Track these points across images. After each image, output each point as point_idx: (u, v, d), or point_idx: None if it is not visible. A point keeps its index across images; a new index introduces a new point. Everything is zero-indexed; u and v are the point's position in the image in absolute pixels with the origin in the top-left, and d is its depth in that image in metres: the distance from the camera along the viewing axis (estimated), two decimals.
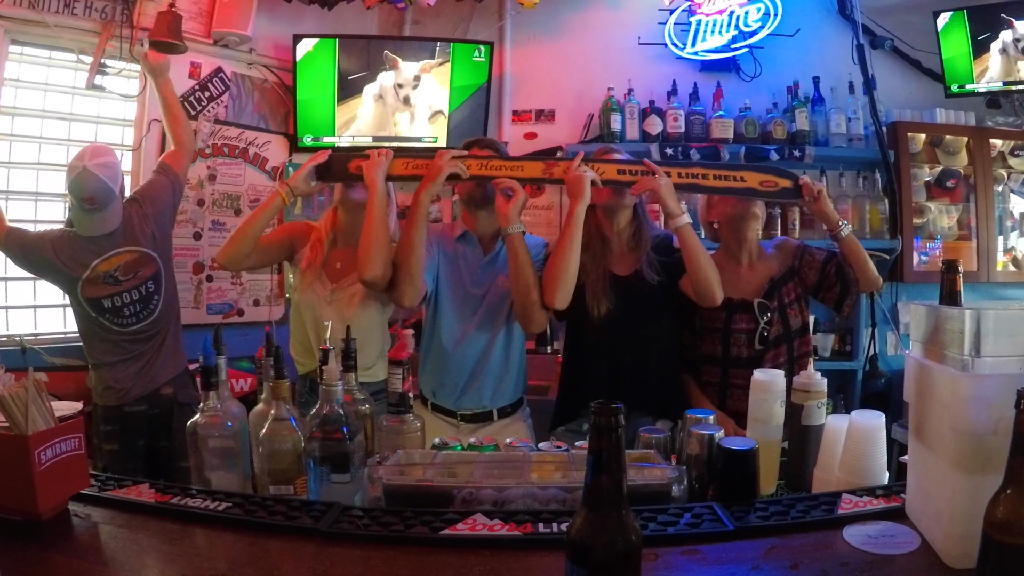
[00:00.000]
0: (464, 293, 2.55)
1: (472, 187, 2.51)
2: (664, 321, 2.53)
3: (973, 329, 1.05)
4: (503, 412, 2.57)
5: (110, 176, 2.67)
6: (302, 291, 2.57)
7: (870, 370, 4.09)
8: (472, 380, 2.52)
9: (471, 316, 2.54)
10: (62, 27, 3.42)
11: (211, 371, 1.60)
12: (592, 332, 2.46)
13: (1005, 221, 4.26)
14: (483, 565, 1.16)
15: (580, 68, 4.34)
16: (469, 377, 2.52)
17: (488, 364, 2.53)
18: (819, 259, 2.49)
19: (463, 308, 2.54)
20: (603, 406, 0.87)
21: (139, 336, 2.87)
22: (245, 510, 1.38)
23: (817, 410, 1.73)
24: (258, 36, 4.04)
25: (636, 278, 2.46)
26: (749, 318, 2.45)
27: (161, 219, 2.94)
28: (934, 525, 1.16)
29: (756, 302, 2.45)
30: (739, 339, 2.45)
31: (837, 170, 4.14)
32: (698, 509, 1.36)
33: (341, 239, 2.61)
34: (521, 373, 2.64)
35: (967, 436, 1.05)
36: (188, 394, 2.94)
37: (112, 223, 2.76)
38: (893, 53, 4.28)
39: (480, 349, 2.53)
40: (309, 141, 4.17)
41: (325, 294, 2.55)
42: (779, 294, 2.47)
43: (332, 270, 2.58)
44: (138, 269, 2.83)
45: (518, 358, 2.61)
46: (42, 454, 1.30)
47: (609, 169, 2.44)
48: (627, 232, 2.53)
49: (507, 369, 2.56)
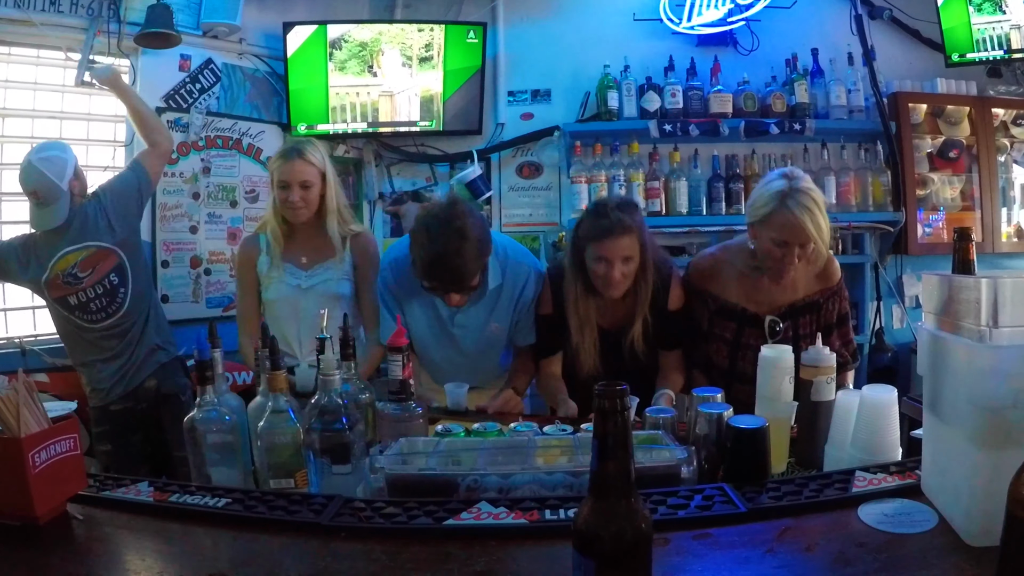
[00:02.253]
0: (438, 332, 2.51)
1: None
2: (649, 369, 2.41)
3: (990, 299, 1.01)
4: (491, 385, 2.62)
5: (54, 172, 2.65)
6: (274, 289, 2.61)
7: (876, 344, 4.07)
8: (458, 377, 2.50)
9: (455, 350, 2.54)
10: (49, 25, 3.37)
11: (206, 365, 1.56)
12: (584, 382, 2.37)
13: (1008, 192, 4.22)
14: (489, 555, 1.14)
15: (575, 46, 4.27)
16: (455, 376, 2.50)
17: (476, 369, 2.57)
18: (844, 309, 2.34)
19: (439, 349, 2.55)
20: (607, 388, 0.82)
21: (112, 331, 2.84)
22: (245, 506, 1.35)
23: (827, 386, 1.70)
24: (248, 25, 3.97)
25: (622, 335, 2.34)
26: (759, 334, 2.27)
27: (122, 212, 2.88)
28: (952, 503, 1.13)
29: (768, 319, 2.28)
30: (746, 355, 2.24)
31: (838, 142, 4.10)
32: (709, 491, 1.33)
33: (298, 231, 2.64)
34: (505, 361, 2.67)
35: (985, 410, 1.01)
36: (172, 384, 2.93)
37: (59, 218, 2.71)
38: (892, 23, 4.22)
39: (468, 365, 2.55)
40: (303, 129, 4.13)
41: (299, 285, 2.59)
42: (795, 322, 2.29)
43: (299, 263, 2.62)
44: (97, 263, 2.78)
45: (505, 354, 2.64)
46: (36, 456, 1.26)
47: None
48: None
49: (492, 367, 2.62)
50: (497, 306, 2.43)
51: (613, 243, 2.19)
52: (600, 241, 2.20)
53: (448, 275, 2.17)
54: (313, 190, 2.55)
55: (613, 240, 2.19)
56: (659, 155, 4.08)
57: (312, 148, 2.60)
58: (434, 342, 2.52)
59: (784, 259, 2.14)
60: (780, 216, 2.10)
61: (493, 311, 2.43)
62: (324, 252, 2.62)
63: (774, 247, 2.15)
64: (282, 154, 2.60)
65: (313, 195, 2.56)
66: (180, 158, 3.80)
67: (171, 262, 3.79)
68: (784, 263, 2.15)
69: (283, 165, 2.54)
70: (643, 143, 4.05)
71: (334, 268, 2.61)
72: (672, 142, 4.05)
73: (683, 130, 3.96)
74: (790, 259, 2.13)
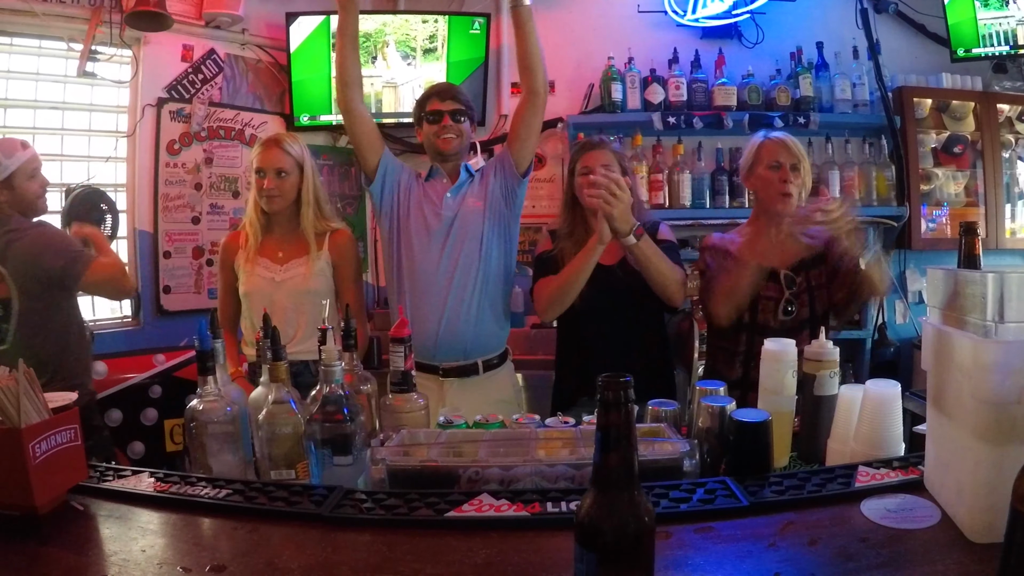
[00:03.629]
0: (428, 223, 2.56)
1: (434, 140, 2.58)
2: (648, 305, 2.49)
3: (996, 293, 1.00)
4: (489, 364, 2.58)
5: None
6: (249, 283, 2.57)
7: (879, 339, 4.06)
8: (449, 322, 2.50)
9: (439, 247, 2.55)
10: (51, 15, 3.36)
11: (207, 355, 1.56)
12: (576, 324, 2.49)
13: (1013, 187, 4.20)
14: (490, 548, 1.13)
15: (579, 38, 4.25)
16: (445, 318, 2.50)
17: (464, 301, 2.52)
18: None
19: (429, 239, 2.56)
20: (611, 379, 0.82)
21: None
22: (246, 497, 1.35)
23: (830, 380, 1.69)
24: (250, 15, 3.97)
25: (617, 268, 2.46)
26: (776, 287, 2.36)
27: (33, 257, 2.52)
28: (955, 498, 1.12)
29: (783, 273, 2.35)
30: (767, 305, 2.36)
31: (842, 136, 4.08)
32: (711, 484, 1.32)
33: (276, 225, 2.61)
34: (503, 320, 2.65)
35: (990, 405, 1.01)
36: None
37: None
38: (897, 17, 4.20)
39: (453, 282, 2.52)
40: (306, 120, 4.12)
41: (272, 278, 2.55)
42: (807, 274, 2.37)
43: (275, 258, 2.58)
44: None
45: (499, 301, 2.62)
46: (36, 447, 1.26)
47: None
48: None
49: (484, 309, 2.55)
50: (475, 187, 2.63)
51: (593, 154, 2.50)
52: (583, 154, 2.51)
53: (445, 86, 2.64)
54: (289, 180, 2.53)
55: (593, 152, 2.51)
56: (663, 147, 4.07)
57: (292, 139, 2.61)
58: (427, 246, 2.57)
59: (783, 180, 2.34)
60: (765, 146, 2.41)
61: (472, 190, 2.62)
62: (300, 247, 2.59)
63: (770, 173, 2.37)
64: (261, 142, 2.60)
65: (288, 185, 2.54)
66: (182, 148, 3.79)
67: (173, 252, 3.79)
68: (784, 184, 2.34)
69: (261, 152, 2.55)
70: (647, 135, 4.04)
71: (309, 264, 2.57)
72: (676, 135, 4.04)
73: (687, 123, 3.95)
74: (785, 176, 2.34)
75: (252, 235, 2.59)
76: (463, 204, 2.58)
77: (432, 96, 2.60)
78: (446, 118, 2.56)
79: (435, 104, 2.57)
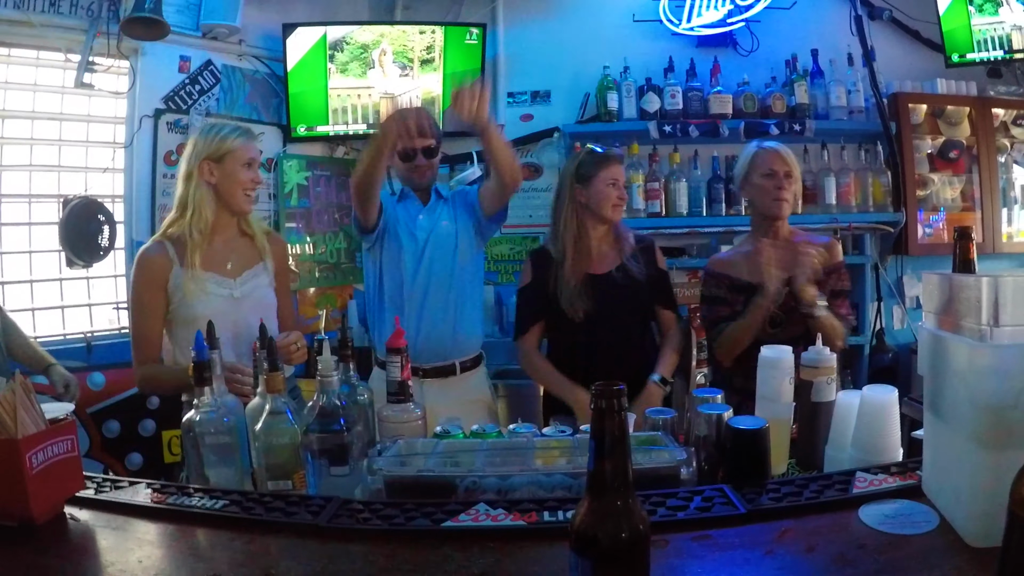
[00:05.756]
0: (403, 243, 2.61)
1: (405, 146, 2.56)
2: (642, 314, 2.62)
3: (991, 298, 1.00)
4: (465, 366, 2.64)
5: None
6: (201, 304, 2.14)
7: (877, 345, 4.06)
8: (427, 329, 2.56)
9: (415, 261, 2.60)
10: (48, 27, 3.36)
11: (204, 366, 1.55)
12: (570, 333, 2.52)
13: (1009, 192, 4.21)
14: (487, 557, 1.13)
15: (575, 47, 4.27)
16: (424, 326, 2.56)
17: (440, 309, 2.58)
18: (841, 287, 2.46)
19: (406, 255, 2.60)
20: (605, 387, 0.81)
21: None
22: (243, 507, 1.34)
23: (827, 386, 1.69)
24: (247, 27, 3.97)
25: (613, 276, 2.53)
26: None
27: None
28: (953, 503, 1.12)
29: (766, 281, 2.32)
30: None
31: (838, 143, 4.09)
32: (708, 492, 1.32)
33: (212, 235, 2.24)
34: (478, 323, 2.74)
35: (987, 410, 1.01)
36: None
37: None
38: (892, 23, 4.21)
39: (428, 293, 2.58)
40: (303, 131, 4.12)
41: (230, 295, 2.23)
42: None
43: (224, 270, 2.24)
44: None
45: (473, 305, 2.70)
46: (33, 457, 1.26)
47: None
48: (607, 232, 2.60)
49: (460, 315, 2.62)
50: (446, 209, 2.69)
51: (617, 167, 2.57)
52: (608, 167, 2.53)
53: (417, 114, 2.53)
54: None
55: (617, 165, 2.57)
56: (659, 156, 4.08)
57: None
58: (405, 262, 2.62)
59: (776, 188, 2.42)
60: (759, 156, 2.48)
61: (444, 212, 2.68)
62: (248, 255, 2.31)
63: (765, 181, 2.44)
64: (236, 131, 2.28)
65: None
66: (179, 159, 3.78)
67: None
68: (778, 193, 2.42)
69: (246, 142, 2.26)
70: (643, 144, 4.05)
71: (263, 273, 2.32)
72: (672, 143, 4.05)
73: (683, 131, 3.95)
74: (779, 184, 2.41)
75: (198, 245, 2.18)
76: (436, 225, 2.64)
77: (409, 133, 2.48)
78: (419, 157, 2.61)
79: (407, 143, 2.52)
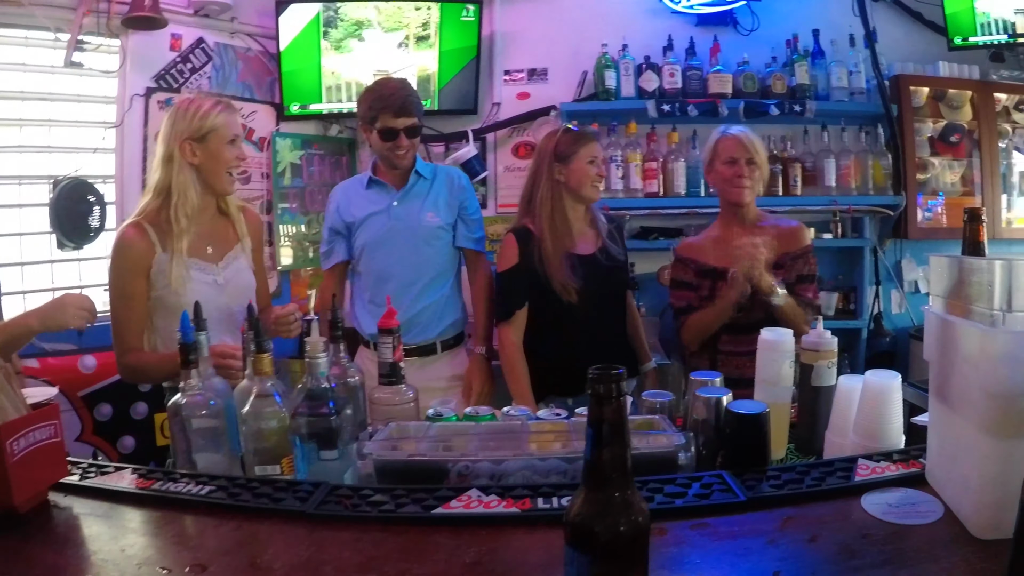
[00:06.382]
0: (378, 232, 2.61)
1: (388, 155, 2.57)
2: (624, 295, 2.71)
3: (1004, 281, 0.96)
4: (446, 345, 2.71)
5: None
6: (186, 291, 2.07)
7: (875, 329, 4.04)
8: (409, 311, 2.55)
9: (394, 248, 2.60)
10: (38, 5, 3.28)
11: (190, 348, 1.51)
12: (560, 314, 2.51)
13: (1009, 177, 4.17)
14: (479, 545, 1.10)
15: (573, 25, 4.19)
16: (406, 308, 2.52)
17: (421, 291, 2.61)
18: (808, 271, 2.47)
19: (381, 243, 2.61)
20: (603, 372, 0.77)
21: None
22: (229, 493, 1.31)
23: (828, 370, 1.67)
24: (239, 4, 3.89)
25: (597, 257, 2.56)
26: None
27: None
28: (960, 493, 1.09)
29: (731, 272, 2.32)
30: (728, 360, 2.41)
31: (838, 125, 4.04)
32: (707, 478, 1.29)
33: (195, 220, 2.14)
34: (457, 301, 2.77)
35: (998, 397, 0.97)
36: None
37: None
38: (894, 5, 4.15)
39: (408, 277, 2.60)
40: (296, 109, 4.06)
41: (214, 281, 2.16)
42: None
43: (204, 255, 2.17)
44: None
45: (452, 285, 2.74)
46: (14, 444, 1.22)
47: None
48: (585, 212, 2.63)
49: (440, 296, 2.66)
50: (429, 195, 2.67)
51: (596, 145, 2.60)
52: (588, 144, 2.56)
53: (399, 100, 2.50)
54: None
55: (596, 143, 2.61)
56: (657, 135, 4.02)
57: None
58: (381, 246, 2.62)
59: (736, 176, 2.46)
60: (721, 143, 2.53)
61: (426, 199, 2.66)
62: (227, 237, 2.24)
63: (726, 168, 2.48)
64: (218, 106, 2.14)
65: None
66: None
67: None
68: (739, 180, 2.46)
69: (228, 117, 2.14)
70: (641, 123, 3.99)
71: (242, 255, 2.25)
72: (670, 122, 3.99)
73: (681, 110, 3.90)
74: (739, 172, 2.45)
75: (185, 231, 2.10)
76: (412, 212, 2.63)
77: (385, 111, 2.50)
78: (401, 137, 2.54)
79: (388, 121, 2.50)
